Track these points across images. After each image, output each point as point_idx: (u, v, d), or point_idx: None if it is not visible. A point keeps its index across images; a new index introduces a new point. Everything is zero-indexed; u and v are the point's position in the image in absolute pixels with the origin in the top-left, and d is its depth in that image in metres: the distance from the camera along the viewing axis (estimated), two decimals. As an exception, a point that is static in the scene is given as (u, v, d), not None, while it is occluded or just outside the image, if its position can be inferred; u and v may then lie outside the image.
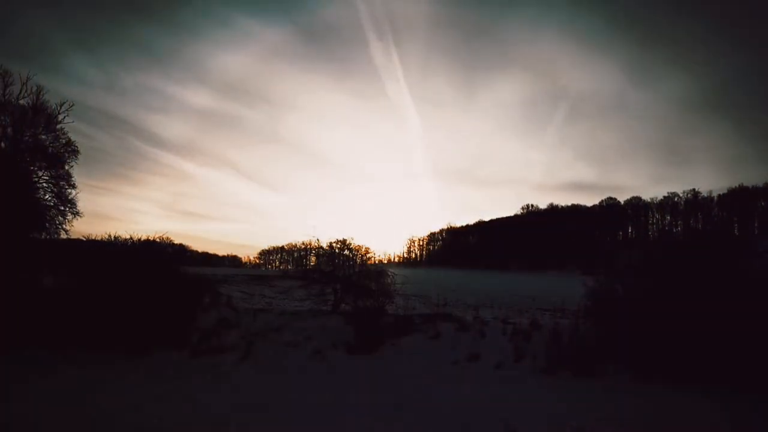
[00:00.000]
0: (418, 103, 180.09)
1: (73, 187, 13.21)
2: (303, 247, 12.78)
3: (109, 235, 10.80)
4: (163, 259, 11.20)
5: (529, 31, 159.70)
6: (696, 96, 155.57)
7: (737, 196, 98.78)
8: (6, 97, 12.02)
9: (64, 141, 13.02)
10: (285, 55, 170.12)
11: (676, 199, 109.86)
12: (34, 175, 12.70)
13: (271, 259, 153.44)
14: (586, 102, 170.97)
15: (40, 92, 12.36)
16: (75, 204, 13.19)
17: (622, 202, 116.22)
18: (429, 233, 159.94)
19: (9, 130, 12.16)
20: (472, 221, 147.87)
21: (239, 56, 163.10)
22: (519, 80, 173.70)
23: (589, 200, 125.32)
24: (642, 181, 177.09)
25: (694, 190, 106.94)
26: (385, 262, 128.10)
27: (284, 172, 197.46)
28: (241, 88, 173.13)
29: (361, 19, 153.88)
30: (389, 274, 11.26)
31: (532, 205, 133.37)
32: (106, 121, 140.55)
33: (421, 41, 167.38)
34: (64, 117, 12.81)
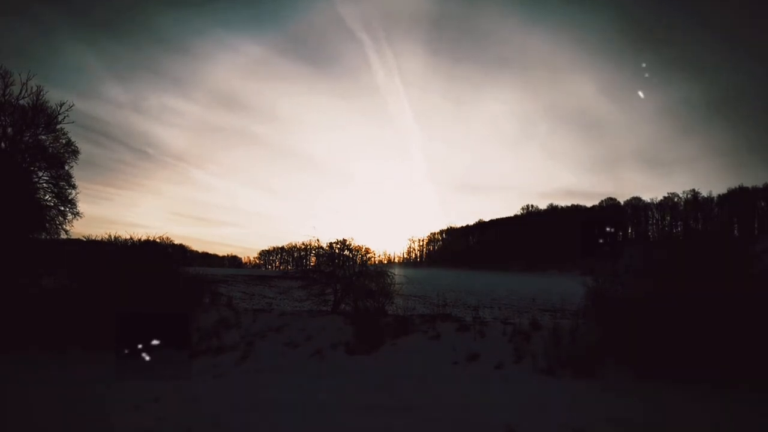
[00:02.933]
0: (418, 114, 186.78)
1: (73, 187, 13.24)
2: (303, 247, 12.78)
3: (109, 236, 10.80)
4: (162, 259, 11.20)
5: (522, 37, 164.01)
6: (697, 99, 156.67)
7: (737, 197, 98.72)
8: (6, 98, 12.03)
9: (64, 141, 13.05)
10: (289, 73, 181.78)
11: (675, 199, 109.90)
12: (34, 176, 12.70)
13: (271, 260, 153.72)
14: (584, 109, 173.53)
15: (39, 92, 12.36)
16: (75, 204, 13.22)
17: (622, 203, 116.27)
18: (429, 234, 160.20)
19: (9, 130, 12.16)
20: (471, 222, 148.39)
21: (246, 75, 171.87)
22: (512, 92, 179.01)
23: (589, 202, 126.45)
24: (641, 186, 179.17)
25: (693, 190, 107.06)
26: (386, 262, 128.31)
27: (289, 180, 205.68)
28: (249, 104, 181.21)
29: (363, 43, 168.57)
30: (389, 274, 11.26)
31: (532, 206, 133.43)
32: (127, 136, 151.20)
33: (420, 59, 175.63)
34: (64, 117, 12.82)
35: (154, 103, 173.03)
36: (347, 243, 11.40)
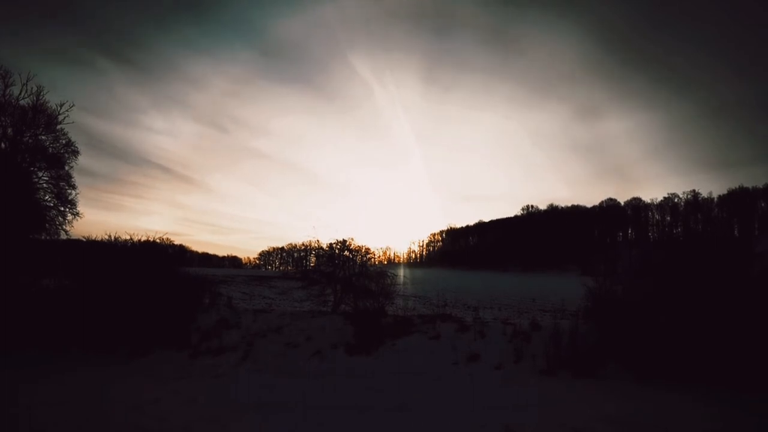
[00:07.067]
0: (417, 134, 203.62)
1: (73, 187, 13.23)
2: (303, 247, 12.80)
3: (109, 236, 10.76)
4: (163, 259, 11.18)
5: (506, 61, 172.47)
6: (697, 105, 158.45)
7: (737, 198, 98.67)
8: (6, 98, 12.03)
9: (64, 141, 13.04)
10: (299, 101, 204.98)
11: (676, 200, 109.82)
12: (34, 176, 12.70)
13: (271, 260, 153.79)
14: (583, 114, 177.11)
15: (40, 93, 12.36)
16: (75, 204, 13.21)
17: (622, 203, 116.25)
18: (429, 235, 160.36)
19: (9, 130, 12.16)
20: (471, 222, 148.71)
21: (262, 100, 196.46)
22: (499, 114, 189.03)
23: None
24: (641, 190, 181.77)
25: (694, 191, 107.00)
26: (386, 263, 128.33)
27: (294, 190, 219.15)
28: (264, 126, 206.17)
29: (364, 72, 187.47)
30: (389, 274, 11.26)
31: (532, 206, 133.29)
32: (148, 153, 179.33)
33: (416, 89, 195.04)
34: (65, 117, 12.82)
35: (184, 129, 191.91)
36: (347, 243, 11.39)
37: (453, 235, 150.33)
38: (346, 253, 11.37)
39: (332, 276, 11.18)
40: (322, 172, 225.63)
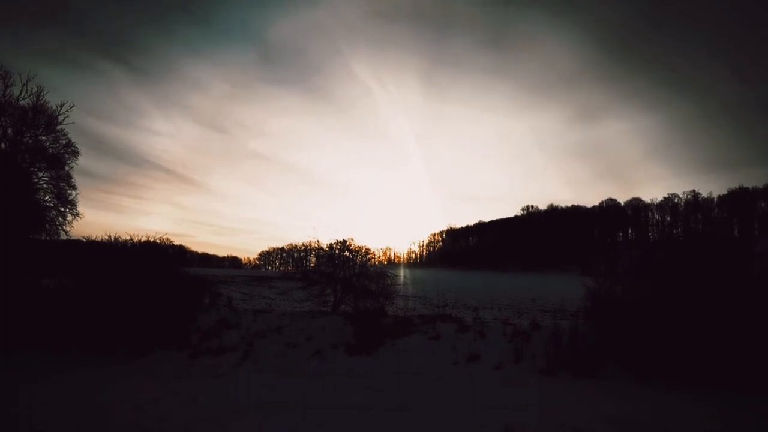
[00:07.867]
0: (417, 135, 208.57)
1: (74, 188, 13.23)
2: (303, 248, 12.82)
3: (109, 236, 10.76)
4: (163, 260, 11.18)
5: (507, 64, 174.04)
6: (697, 105, 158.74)
7: (737, 198, 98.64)
8: (6, 98, 12.03)
9: (64, 142, 13.04)
10: (299, 104, 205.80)
11: (676, 200, 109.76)
12: (34, 176, 12.70)
13: (271, 260, 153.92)
14: (583, 115, 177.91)
15: (40, 93, 12.36)
16: (75, 205, 13.21)
17: (623, 203, 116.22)
18: (429, 235, 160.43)
19: (9, 131, 12.16)
20: (471, 222, 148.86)
21: (263, 102, 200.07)
22: (499, 116, 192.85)
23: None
24: (641, 190, 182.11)
25: (694, 191, 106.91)
26: (386, 263, 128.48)
27: (295, 191, 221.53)
28: (265, 129, 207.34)
29: (363, 73, 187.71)
30: (389, 275, 11.26)
31: (532, 206, 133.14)
32: (149, 155, 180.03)
33: (416, 90, 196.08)
34: (65, 118, 12.82)
35: (184, 130, 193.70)
36: (347, 244, 11.40)
37: (453, 235, 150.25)
38: (346, 253, 11.37)
39: (332, 276, 11.18)
40: (322, 172, 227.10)
